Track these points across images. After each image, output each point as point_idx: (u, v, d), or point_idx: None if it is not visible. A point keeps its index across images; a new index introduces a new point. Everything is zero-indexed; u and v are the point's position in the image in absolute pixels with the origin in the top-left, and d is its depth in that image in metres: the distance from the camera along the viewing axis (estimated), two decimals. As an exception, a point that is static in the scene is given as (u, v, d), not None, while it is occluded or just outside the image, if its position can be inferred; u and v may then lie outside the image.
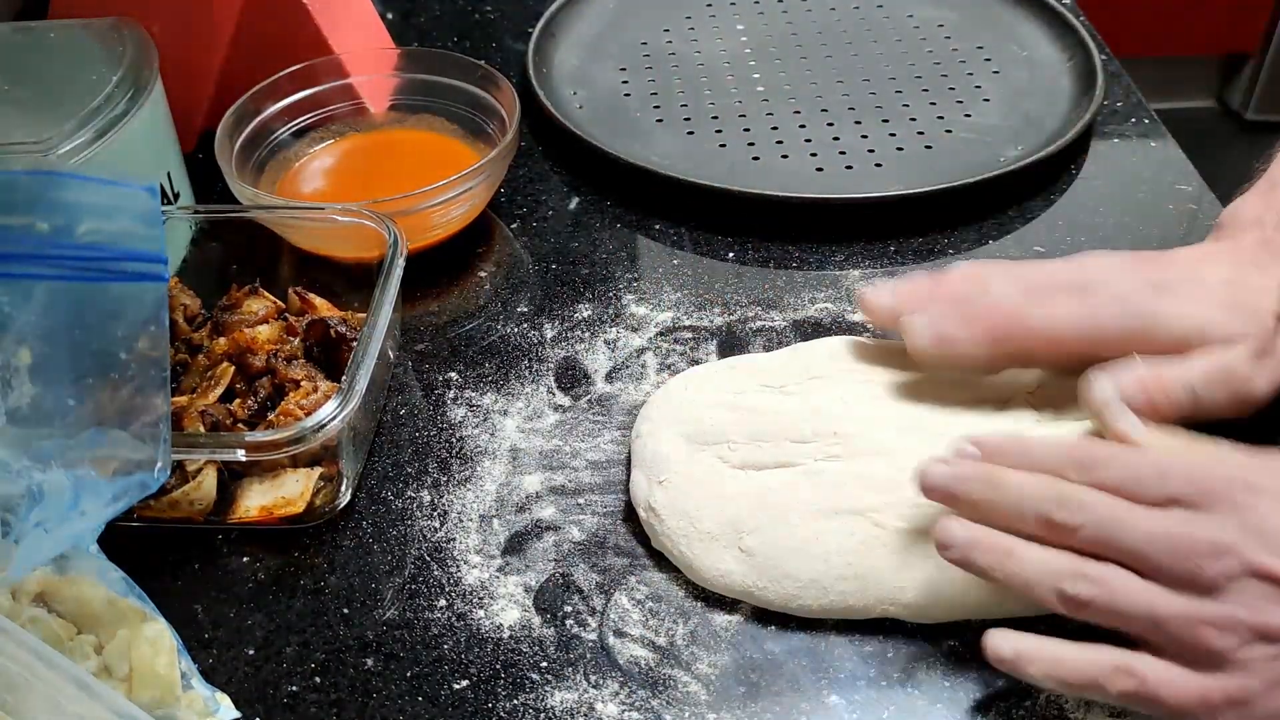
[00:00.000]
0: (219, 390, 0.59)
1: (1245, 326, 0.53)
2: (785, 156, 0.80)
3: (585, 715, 0.49)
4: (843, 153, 0.80)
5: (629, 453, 0.60)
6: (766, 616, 0.53)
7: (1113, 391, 0.52)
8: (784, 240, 0.74)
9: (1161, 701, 0.44)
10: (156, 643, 0.48)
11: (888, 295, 0.59)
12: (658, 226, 0.76)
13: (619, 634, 0.52)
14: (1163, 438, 0.51)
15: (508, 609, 0.53)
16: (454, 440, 0.62)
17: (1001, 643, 0.47)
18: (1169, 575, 0.45)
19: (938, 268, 0.71)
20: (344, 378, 0.54)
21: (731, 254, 0.73)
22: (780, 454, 0.56)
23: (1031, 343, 0.56)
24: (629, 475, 0.58)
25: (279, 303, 0.65)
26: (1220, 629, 0.43)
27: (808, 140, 0.81)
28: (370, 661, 0.52)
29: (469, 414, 0.63)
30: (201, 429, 0.56)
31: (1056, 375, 0.58)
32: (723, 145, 0.81)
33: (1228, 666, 0.43)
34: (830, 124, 0.83)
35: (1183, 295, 0.55)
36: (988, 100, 0.84)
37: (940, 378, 0.59)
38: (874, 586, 0.52)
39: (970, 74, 0.87)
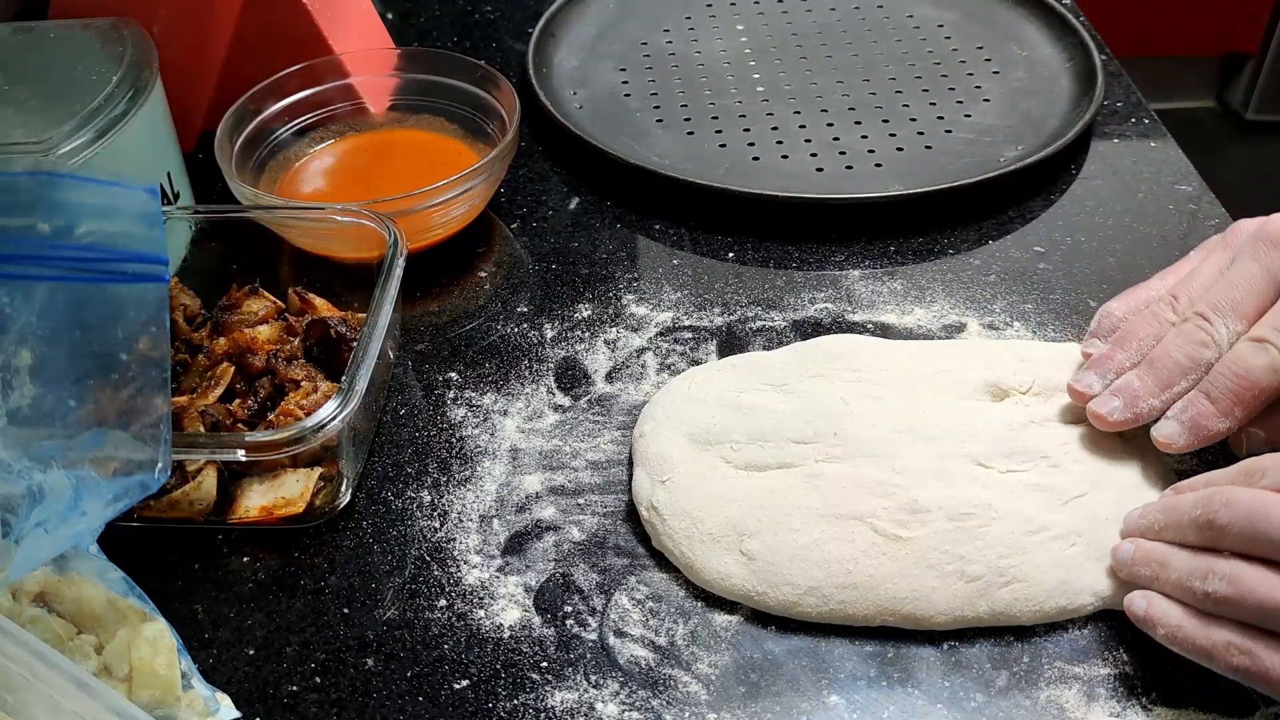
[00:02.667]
0: (219, 390, 0.59)
1: None
2: (785, 156, 0.80)
3: (585, 715, 0.49)
4: (843, 153, 0.80)
5: (630, 452, 0.60)
6: (767, 616, 0.53)
7: None
8: (784, 240, 0.74)
9: (1273, 683, 0.44)
10: (156, 643, 0.48)
11: (1116, 404, 0.55)
12: (658, 226, 0.76)
13: (619, 634, 0.52)
14: None
15: (508, 609, 0.53)
16: (454, 440, 0.62)
17: (1139, 601, 0.49)
18: None
19: (938, 267, 0.71)
20: (344, 378, 0.54)
21: (731, 254, 0.73)
22: (782, 455, 0.56)
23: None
24: (630, 475, 0.59)
25: (279, 303, 0.65)
26: None
27: (808, 140, 0.81)
28: (370, 661, 0.52)
29: (469, 414, 0.63)
30: (201, 429, 0.56)
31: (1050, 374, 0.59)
32: (723, 145, 0.81)
33: None
34: (830, 124, 0.83)
35: None
36: (988, 100, 0.84)
37: (937, 376, 0.59)
38: (873, 595, 0.52)
39: (970, 74, 0.87)
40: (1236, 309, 0.53)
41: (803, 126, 0.83)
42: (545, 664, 0.51)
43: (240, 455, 0.53)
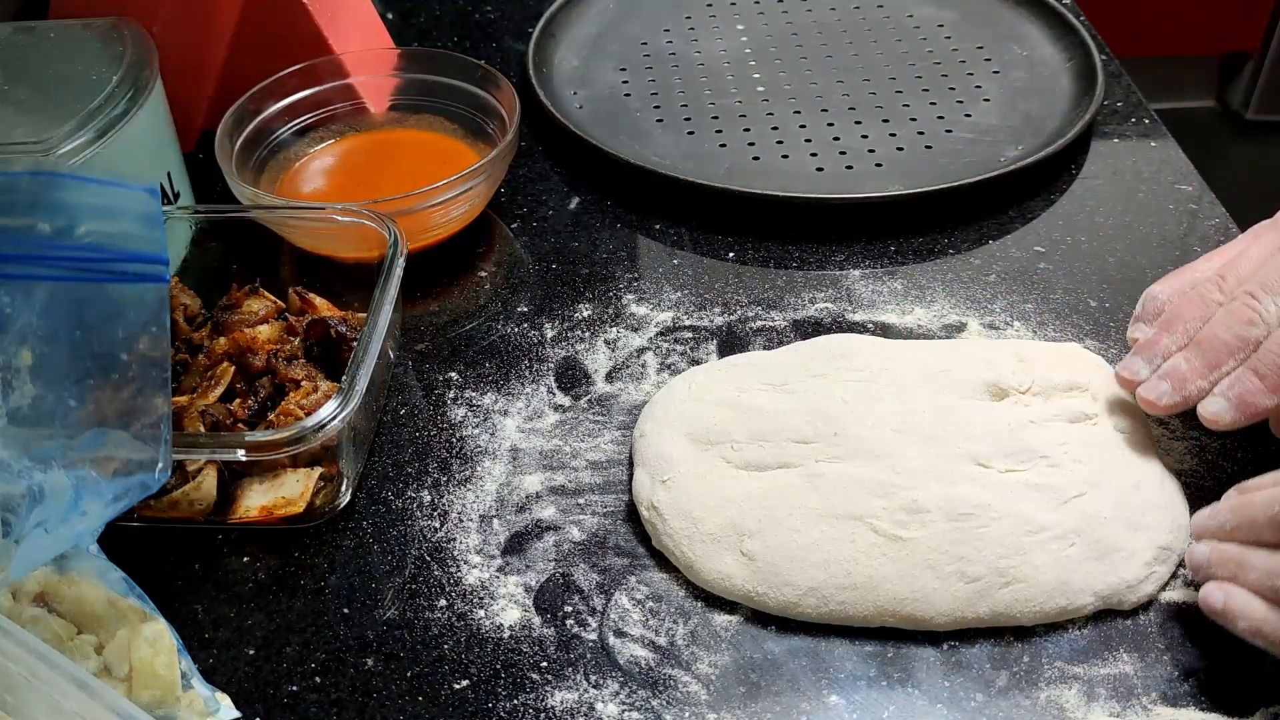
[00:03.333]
0: (219, 390, 0.59)
1: None
2: (785, 156, 0.80)
3: (585, 715, 0.49)
4: (843, 153, 0.80)
5: (630, 452, 0.60)
6: (766, 616, 0.53)
7: None
8: (784, 240, 0.74)
9: None
10: (156, 643, 0.48)
11: (1164, 388, 0.55)
12: (658, 226, 0.76)
13: (619, 634, 0.52)
14: None
15: (508, 609, 0.53)
16: (454, 440, 0.62)
17: (1215, 594, 0.48)
18: None
19: (938, 267, 0.71)
20: (344, 378, 0.54)
21: (731, 254, 0.73)
22: (783, 455, 0.56)
23: None
24: (630, 475, 0.59)
25: (279, 303, 0.65)
26: None
27: (808, 140, 0.81)
28: (370, 661, 0.52)
29: (469, 414, 0.63)
30: (202, 429, 0.56)
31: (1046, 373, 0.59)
32: (723, 145, 0.81)
33: None
34: (830, 124, 0.83)
35: None
36: (988, 100, 0.84)
37: (937, 376, 0.59)
38: (872, 596, 0.52)
39: (970, 74, 0.87)
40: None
41: (803, 126, 0.83)
42: (545, 664, 0.51)
43: (240, 455, 0.53)
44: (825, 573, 0.52)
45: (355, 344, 0.56)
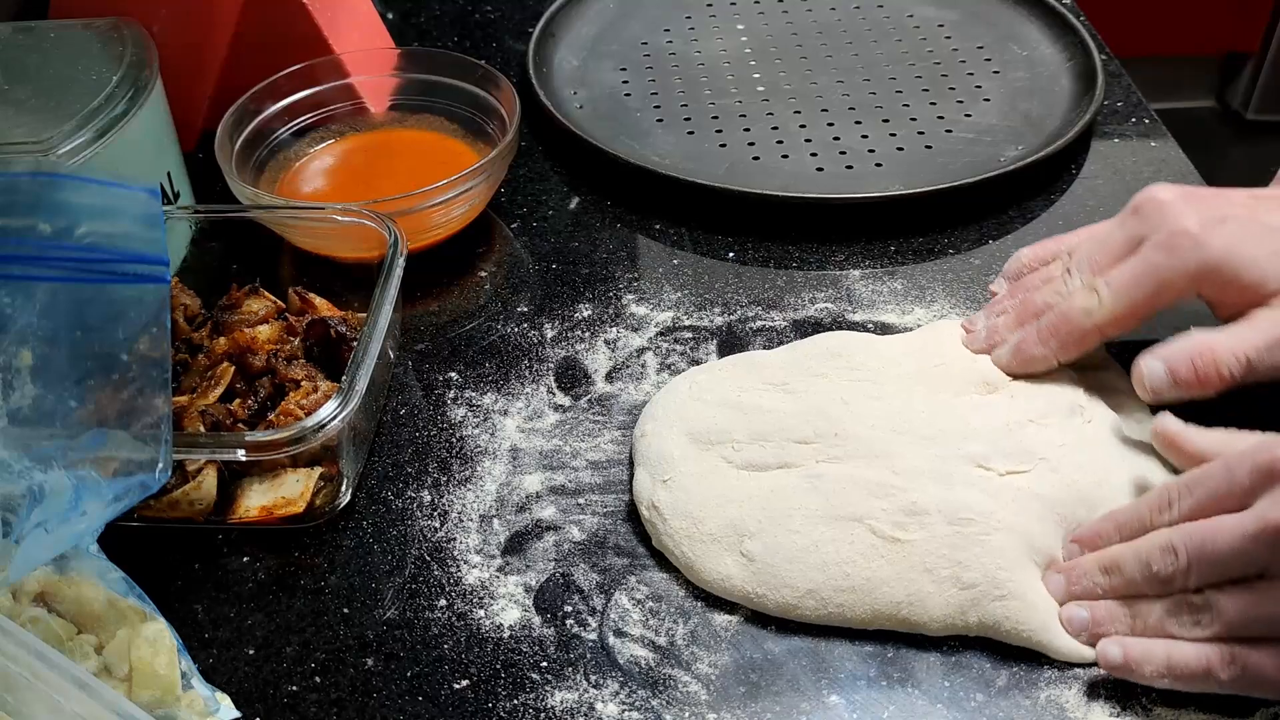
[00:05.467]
0: (219, 390, 0.59)
1: None
2: (785, 156, 0.80)
3: (585, 715, 0.49)
4: (843, 153, 0.80)
5: (630, 452, 0.60)
6: (767, 616, 0.53)
7: (1164, 375, 0.54)
8: (784, 240, 0.74)
9: (1270, 685, 0.46)
10: (156, 643, 0.48)
11: (981, 335, 0.61)
12: (658, 226, 0.76)
13: (619, 634, 0.52)
14: (1206, 434, 0.53)
15: (508, 609, 0.54)
16: (454, 440, 0.62)
17: (1112, 650, 0.48)
18: (1270, 571, 0.45)
19: (938, 267, 0.71)
20: (344, 378, 0.54)
21: (731, 254, 0.73)
22: (783, 455, 0.56)
23: (1105, 335, 0.58)
24: (630, 475, 0.59)
25: (279, 303, 0.65)
26: None
27: (808, 140, 0.81)
28: (370, 661, 0.52)
29: (469, 414, 0.63)
30: (202, 429, 0.56)
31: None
32: (723, 145, 0.81)
33: None
34: (830, 124, 0.83)
35: (1242, 235, 0.55)
36: (988, 100, 0.84)
37: (932, 371, 0.59)
38: (869, 599, 0.52)
39: (970, 74, 0.87)
40: (1094, 265, 0.58)
41: (803, 126, 0.83)
42: (545, 664, 0.51)
43: (240, 455, 0.53)
44: (824, 574, 0.52)
45: (355, 344, 0.56)
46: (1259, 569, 0.45)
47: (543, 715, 0.49)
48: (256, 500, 0.56)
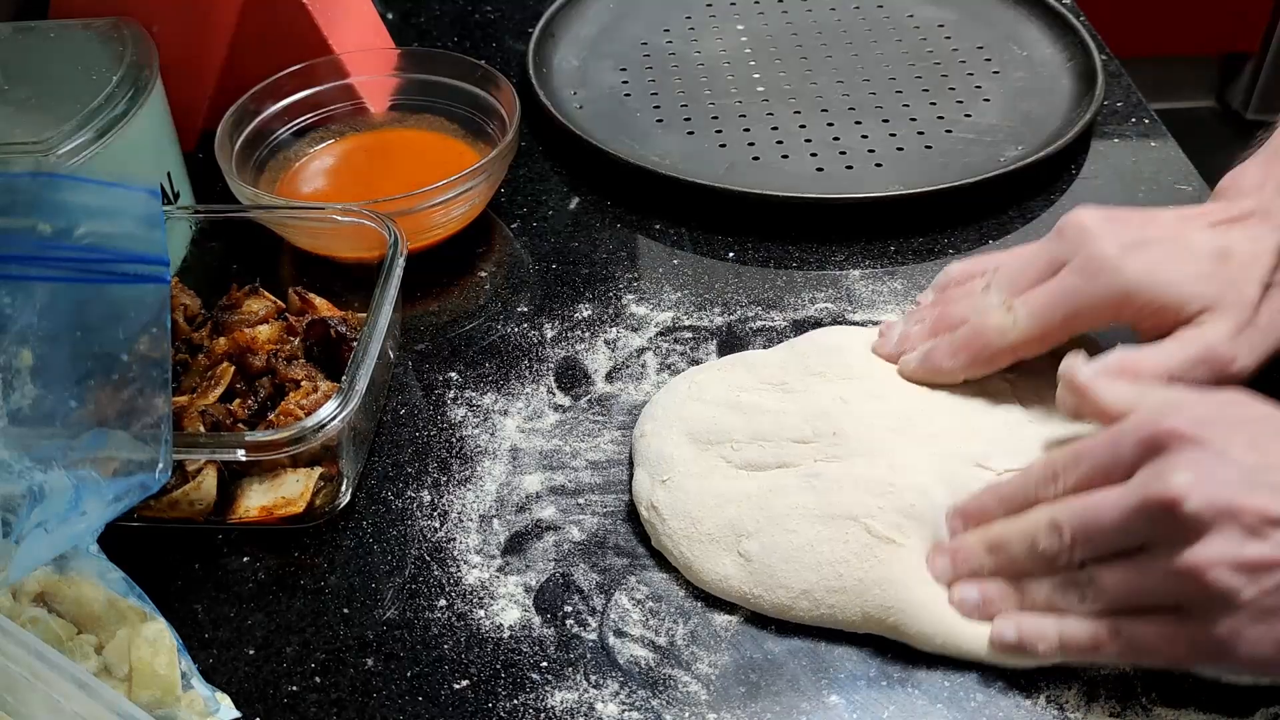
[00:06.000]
0: (219, 390, 0.59)
1: (1225, 298, 0.53)
2: (785, 156, 0.80)
3: (585, 715, 0.49)
4: (843, 153, 0.80)
5: (630, 452, 0.60)
6: (767, 617, 0.53)
7: (1091, 374, 0.53)
8: (784, 240, 0.74)
9: (1160, 655, 0.46)
10: (156, 643, 0.48)
11: (893, 340, 0.61)
12: (658, 226, 0.76)
13: (619, 634, 0.52)
14: (1114, 389, 0.52)
15: (508, 609, 0.54)
16: (454, 440, 0.62)
17: (1006, 629, 0.49)
18: (1150, 543, 0.45)
19: (938, 267, 0.71)
20: (344, 378, 0.54)
21: (731, 254, 0.73)
22: (782, 454, 0.56)
23: (1017, 356, 0.57)
24: (630, 475, 0.59)
25: (279, 303, 0.65)
26: (1204, 575, 0.43)
27: (808, 140, 0.81)
28: (370, 661, 0.52)
29: (469, 414, 0.63)
30: (202, 429, 0.56)
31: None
32: (723, 145, 0.81)
33: (1215, 607, 0.44)
34: (830, 124, 0.83)
35: (1162, 258, 0.55)
36: (988, 100, 0.84)
37: None
38: (859, 601, 0.51)
39: (970, 74, 0.87)
40: (1014, 285, 0.57)
41: (803, 126, 0.83)
42: (545, 664, 0.51)
43: (240, 455, 0.53)
44: (817, 575, 0.52)
45: (355, 344, 0.56)
46: (1140, 542, 0.46)
47: (543, 715, 0.49)
48: (256, 500, 0.56)
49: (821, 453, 0.56)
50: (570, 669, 0.51)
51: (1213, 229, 0.56)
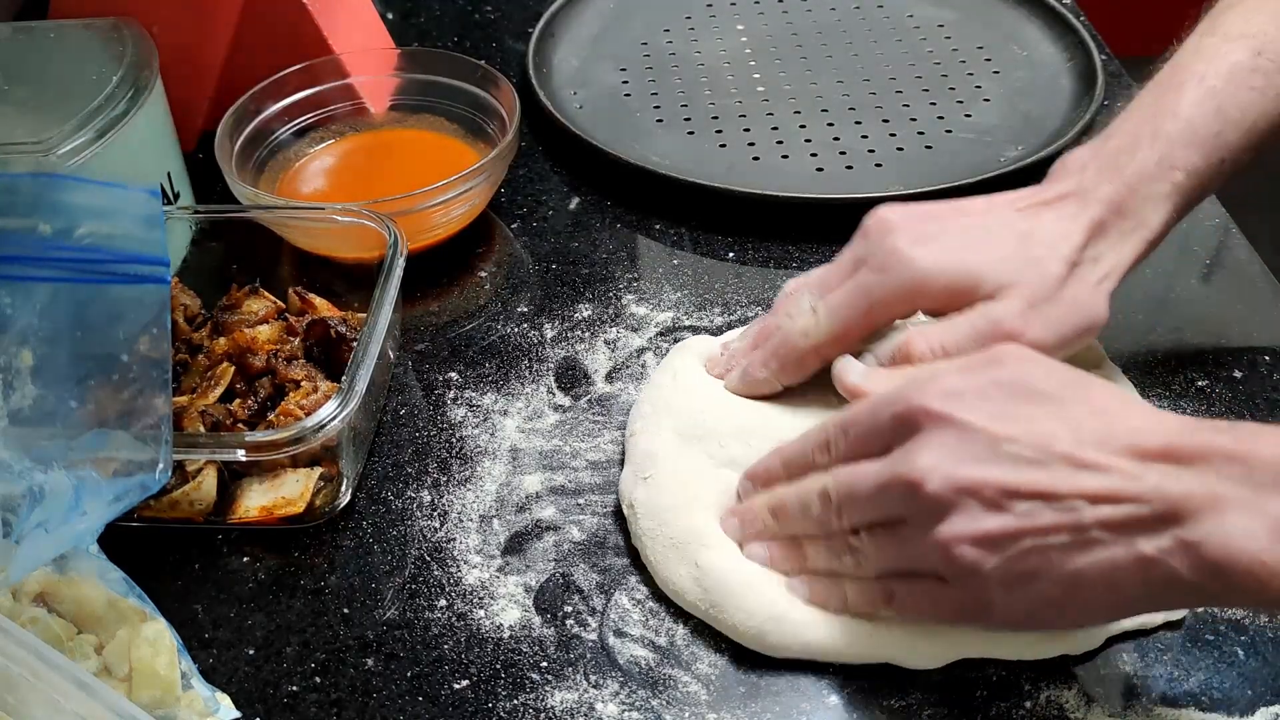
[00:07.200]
0: (219, 390, 0.59)
1: (1023, 276, 0.53)
2: (785, 156, 0.80)
3: (585, 715, 0.49)
4: (843, 153, 0.80)
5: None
6: (766, 617, 0.53)
7: (860, 376, 0.55)
8: (784, 240, 0.74)
9: (934, 617, 0.49)
10: (156, 643, 0.48)
11: (722, 361, 0.61)
12: (658, 226, 0.76)
13: (619, 634, 0.52)
14: (875, 377, 0.54)
15: (508, 609, 0.54)
16: (454, 440, 0.62)
17: (798, 589, 0.51)
18: (905, 517, 0.47)
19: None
20: (344, 378, 0.54)
21: (731, 254, 0.73)
22: (766, 451, 0.56)
23: (824, 356, 0.57)
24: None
25: (279, 303, 0.65)
26: (949, 551, 0.45)
27: (808, 140, 0.81)
28: (370, 661, 0.52)
29: (469, 414, 0.63)
30: (201, 429, 0.56)
31: None
32: (723, 145, 0.81)
33: (965, 577, 0.45)
34: (830, 124, 0.83)
35: (957, 245, 0.55)
36: (988, 100, 0.84)
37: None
38: (789, 629, 0.51)
39: (970, 74, 0.87)
40: (822, 285, 0.58)
41: (803, 126, 0.83)
42: (545, 664, 0.51)
43: (240, 455, 0.53)
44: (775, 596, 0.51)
45: (355, 344, 0.56)
46: (897, 515, 0.47)
47: (543, 715, 0.49)
48: (256, 500, 0.56)
49: None
50: (570, 669, 0.51)
51: (1020, 213, 0.56)
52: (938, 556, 0.45)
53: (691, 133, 0.82)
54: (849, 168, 0.79)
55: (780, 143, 0.81)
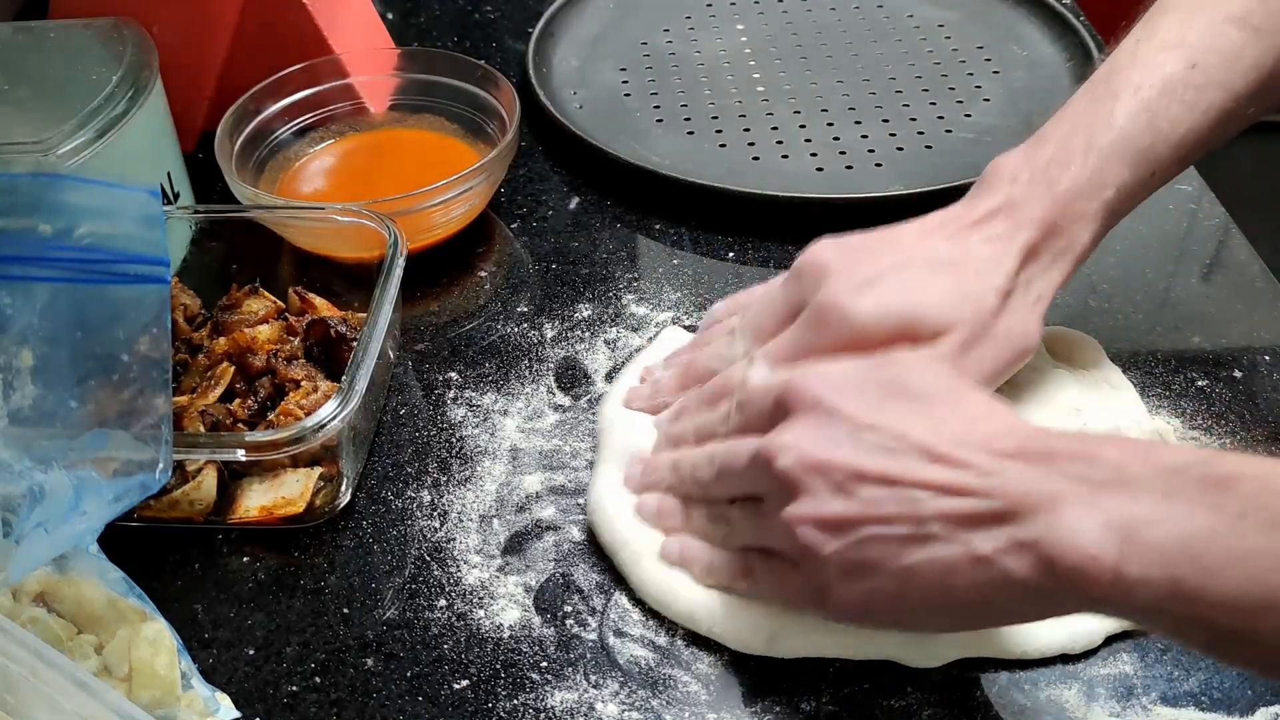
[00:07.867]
0: (219, 390, 0.59)
1: (960, 314, 0.52)
2: (785, 156, 0.80)
3: (585, 715, 0.49)
4: (843, 153, 0.80)
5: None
6: (766, 616, 0.53)
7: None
8: (784, 240, 0.74)
9: (781, 597, 0.50)
10: (156, 643, 0.48)
11: (646, 391, 0.61)
12: (658, 226, 0.76)
13: (619, 634, 0.52)
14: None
15: (508, 609, 0.54)
16: (454, 440, 0.62)
17: (673, 545, 0.53)
18: (763, 493, 0.48)
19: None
20: (344, 378, 0.54)
21: (731, 254, 0.73)
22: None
23: None
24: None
25: (279, 303, 0.65)
26: (793, 530, 0.45)
27: (808, 140, 0.81)
28: (370, 661, 0.52)
29: (469, 414, 0.63)
30: (201, 429, 0.56)
31: None
32: (723, 145, 0.81)
33: (807, 559, 0.46)
34: (830, 124, 0.83)
35: (896, 288, 0.53)
36: (988, 100, 0.84)
37: None
38: (723, 610, 0.51)
39: (970, 74, 0.87)
40: (758, 332, 0.57)
41: (803, 126, 0.83)
42: (545, 664, 0.51)
43: (240, 455, 0.53)
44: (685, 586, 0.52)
45: (355, 344, 0.56)
46: (759, 491, 0.48)
47: (543, 715, 0.49)
48: (256, 500, 0.56)
49: None
50: (570, 669, 0.51)
51: (951, 240, 0.55)
52: (785, 536, 0.46)
53: (691, 133, 0.82)
54: (849, 168, 0.79)
55: (780, 143, 0.81)
